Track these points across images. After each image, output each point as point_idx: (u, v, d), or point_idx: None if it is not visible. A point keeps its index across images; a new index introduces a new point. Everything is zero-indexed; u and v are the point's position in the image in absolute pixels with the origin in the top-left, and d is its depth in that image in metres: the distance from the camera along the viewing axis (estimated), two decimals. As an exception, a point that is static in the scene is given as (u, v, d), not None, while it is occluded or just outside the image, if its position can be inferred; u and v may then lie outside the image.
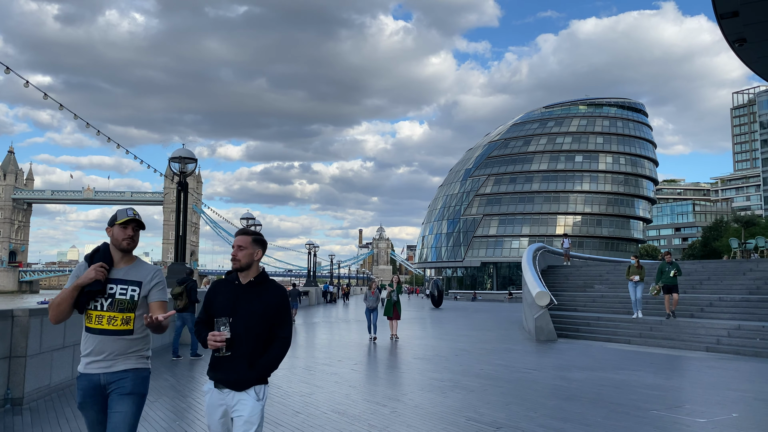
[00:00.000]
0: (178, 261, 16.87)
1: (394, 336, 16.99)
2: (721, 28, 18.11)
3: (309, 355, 14.21)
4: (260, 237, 3.88)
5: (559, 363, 12.54)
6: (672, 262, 17.57)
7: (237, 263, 3.74)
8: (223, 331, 3.53)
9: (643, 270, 18.34)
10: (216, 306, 3.71)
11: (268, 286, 3.78)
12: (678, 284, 17.23)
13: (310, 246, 52.41)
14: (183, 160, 17.10)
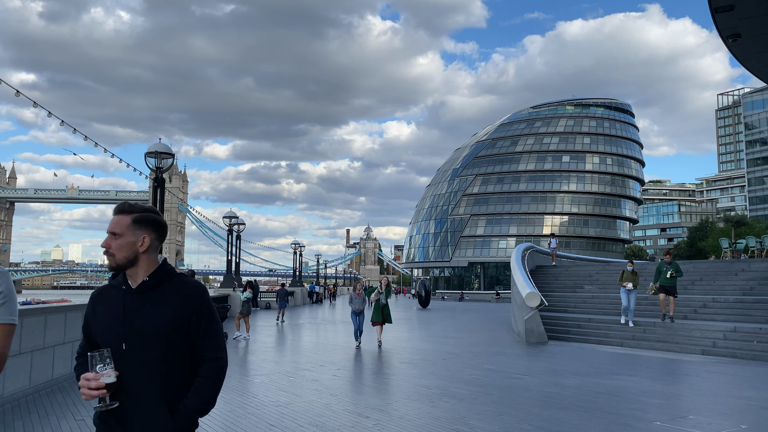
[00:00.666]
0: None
1: (379, 342, 15.76)
2: (715, 22, 17.66)
3: (291, 359, 13.57)
4: (146, 215, 2.52)
5: (551, 367, 11.99)
6: (671, 261, 16.54)
7: (112, 260, 2.44)
8: (100, 372, 2.28)
9: (638, 277, 17.15)
10: (96, 328, 2.47)
11: (174, 287, 2.47)
12: (677, 285, 16.42)
13: (295, 246, 51.69)
14: (159, 155, 16.37)
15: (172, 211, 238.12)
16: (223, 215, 31.19)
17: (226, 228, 30.83)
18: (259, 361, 13.36)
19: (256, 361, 13.27)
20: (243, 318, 18.85)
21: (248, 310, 18.90)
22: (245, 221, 34.00)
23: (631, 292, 16.75)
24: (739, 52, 19.92)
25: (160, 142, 16.75)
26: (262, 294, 42.64)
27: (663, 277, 16.22)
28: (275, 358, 13.77)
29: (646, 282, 19.02)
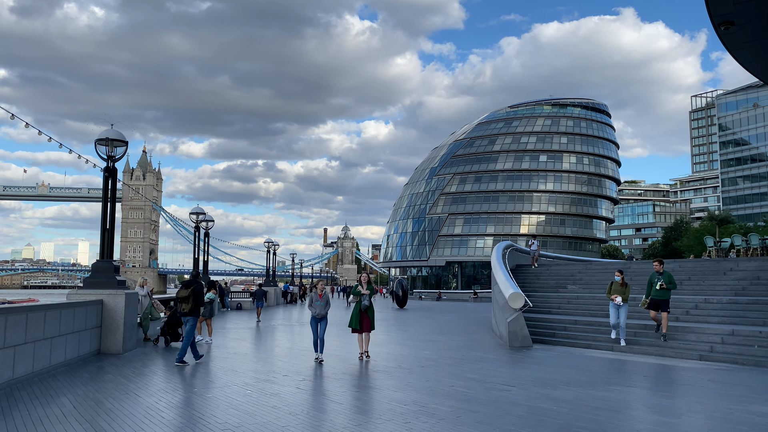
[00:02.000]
0: (104, 258, 14.67)
1: (364, 354, 13.02)
2: (708, 8, 16.70)
3: (252, 368, 12.23)
4: None
5: (540, 376, 10.85)
6: (663, 271, 14.50)
7: None
8: None
9: (628, 288, 15.03)
10: None
11: None
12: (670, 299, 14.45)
13: (269, 244, 50.12)
14: (111, 142, 14.91)
15: (146, 209, 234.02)
16: (189, 211, 29.62)
17: (193, 224, 29.26)
18: (217, 370, 12.01)
19: (214, 371, 11.93)
20: (205, 321, 17.46)
21: (211, 312, 17.50)
22: (222, 220, 32.99)
23: (620, 306, 14.66)
24: (731, 42, 18.99)
25: (112, 128, 15.28)
26: (235, 294, 41.10)
27: (653, 290, 14.24)
28: (236, 365, 12.43)
29: (636, 291, 17.98)
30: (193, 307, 12.86)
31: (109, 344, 14.05)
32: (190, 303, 12.84)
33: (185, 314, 12.90)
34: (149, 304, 17.53)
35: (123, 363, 12.52)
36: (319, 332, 12.98)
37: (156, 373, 11.21)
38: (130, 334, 14.67)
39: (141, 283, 18.03)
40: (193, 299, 12.86)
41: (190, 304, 12.83)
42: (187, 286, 13.13)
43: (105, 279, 14.42)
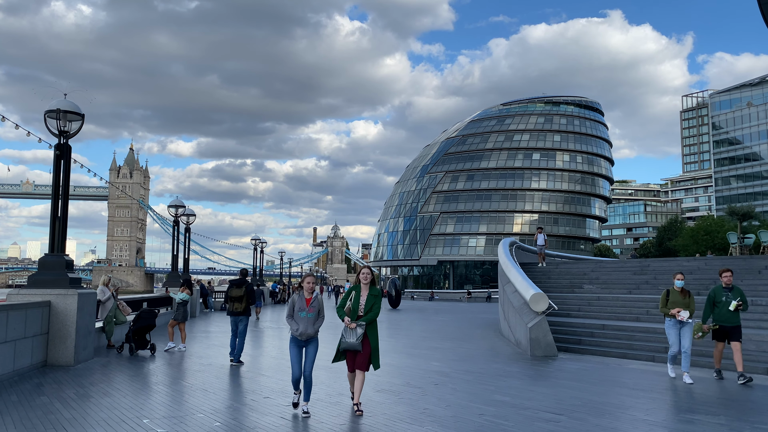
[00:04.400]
0: (56, 251, 12.33)
1: (356, 406, 7.85)
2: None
3: (227, 386, 9.95)
4: None
5: (587, 398, 8.67)
6: (732, 286, 10.95)
7: None
8: None
9: (692, 299, 10.85)
10: None
11: None
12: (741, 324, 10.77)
13: (256, 242, 47.77)
14: (64, 115, 12.57)
15: (133, 208, 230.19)
16: (168, 204, 27.21)
17: (172, 218, 26.86)
18: (184, 388, 9.75)
19: (180, 389, 9.66)
20: (178, 325, 15.15)
21: (184, 316, 15.18)
22: (210, 219, 30.63)
23: (685, 325, 10.57)
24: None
25: (65, 98, 12.94)
26: (220, 294, 38.74)
27: (723, 311, 10.60)
28: (208, 382, 10.17)
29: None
30: (246, 307, 12.70)
31: (57, 354, 11.72)
32: (244, 302, 12.66)
33: (238, 314, 12.64)
34: (114, 306, 15.20)
35: (70, 379, 10.21)
36: (305, 365, 7.79)
37: (105, 394, 8.93)
38: (85, 341, 12.34)
39: (104, 282, 15.68)
40: (246, 298, 12.70)
41: (243, 304, 12.65)
42: (239, 286, 12.81)
43: (54, 276, 12.08)
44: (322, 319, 7.98)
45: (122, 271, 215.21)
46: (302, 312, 7.80)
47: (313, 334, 7.85)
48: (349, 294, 7.93)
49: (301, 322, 7.78)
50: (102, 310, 15.07)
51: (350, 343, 7.69)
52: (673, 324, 10.65)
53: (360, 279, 8.02)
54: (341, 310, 7.86)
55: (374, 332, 7.95)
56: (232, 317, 12.74)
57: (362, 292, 7.88)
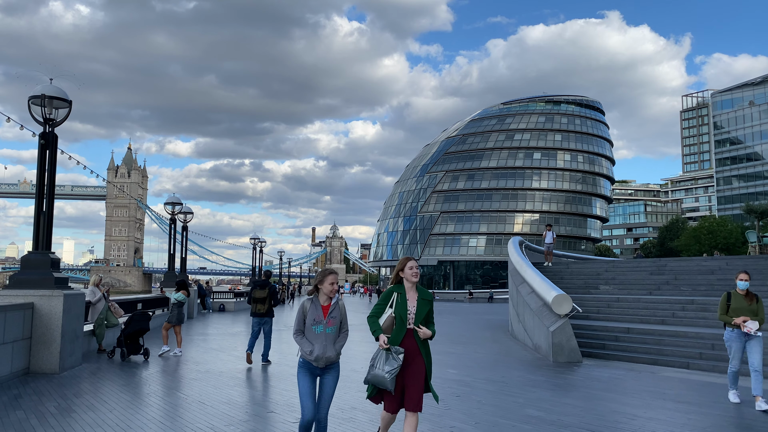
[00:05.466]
0: (40, 249, 11.35)
1: None
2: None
3: (227, 397, 8.95)
4: None
5: (635, 414, 7.71)
6: None
7: None
8: None
9: (761, 305, 8.65)
10: None
11: None
12: None
13: (255, 241, 46.80)
14: (50, 101, 11.60)
15: (131, 208, 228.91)
16: (164, 201, 26.25)
17: (168, 216, 25.87)
18: (179, 399, 8.78)
19: (174, 401, 8.70)
20: (173, 328, 14.18)
21: (180, 318, 14.21)
22: (209, 219, 29.67)
23: (752, 338, 8.39)
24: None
25: (51, 84, 11.96)
26: (218, 294, 37.76)
27: None
28: (205, 393, 9.21)
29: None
30: (269, 308, 12.72)
31: (41, 361, 10.74)
32: (267, 304, 12.64)
33: (262, 315, 12.62)
34: (105, 308, 14.23)
35: (53, 389, 9.24)
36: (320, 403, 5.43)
37: (89, 407, 7.96)
38: (72, 347, 11.36)
39: (95, 282, 14.69)
40: (269, 299, 12.68)
41: (266, 305, 12.64)
42: (262, 287, 12.78)
43: (38, 276, 11.10)
44: (346, 334, 5.52)
45: (120, 271, 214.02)
46: (318, 326, 5.33)
47: (335, 358, 5.39)
48: (389, 297, 5.49)
49: (317, 340, 5.30)
50: (92, 312, 14.10)
51: (382, 378, 5.18)
52: (736, 336, 8.45)
53: (405, 276, 5.53)
54: (376, 322, 5.45)
55: (428, 351, 5.53)
56: (256, 318, 12.66)
57: (408, 294, 5.47)
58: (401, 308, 5.38)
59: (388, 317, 5.40)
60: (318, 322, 5.36)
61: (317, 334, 5.34)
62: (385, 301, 5.50)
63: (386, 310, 5.46)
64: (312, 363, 5.32)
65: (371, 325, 5.50)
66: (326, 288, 5.44)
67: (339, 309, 5.49)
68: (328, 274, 5.49)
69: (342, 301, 5.61)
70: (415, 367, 5.30)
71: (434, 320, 5.60)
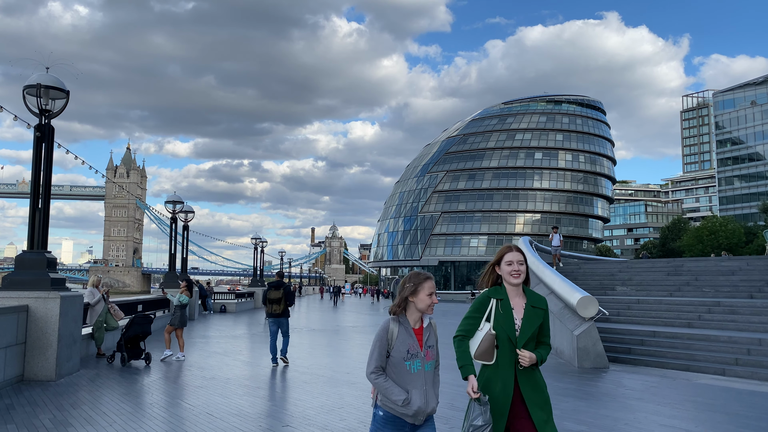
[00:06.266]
0: (35, 248, 10.66)
1: None
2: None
3: (236, 408, 8.27)
4: None
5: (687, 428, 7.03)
6: None
7: None
8: None
9: None
10: None
11: None
12: None
13: (256, 241, 46.08)
14: (46, 91, 10.92)
15: (130, 208, 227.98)
16: (165, 200, 25.56)
17: (169, 216, 25.17)
18: (184, 410, 8.10)
19: (179, 413, 8.02)
20: (175, 331, 13.50)
21: (182, 321, 13.52)
22: (207, 219, 29.15)
23: None
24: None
25: (47, 72, 11.28)
26: (219, 295, 37.11)
27: None
28: (212, 403, 8.54)
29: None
30: (285, 308, 12.70)
31: (36, 368, 10.07)
32: (282, 304, 12.62)
33: (278, 315, 12.61)
34: (104, 310, 13.57)
35: (48, 398, 8.57)
36: None
37: (87, 420, 7.28)
38: (69, 352, 10.68)
39: (93, 282, 14.00)
40: (284, 300, 12.64)
41: (282, 306, 12.62)
42: (277, 288, 12.73)
43: (33, 277, 10.42)
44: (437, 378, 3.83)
45: (119, 272, 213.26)
46: (414, 361, 3.60)
47: (434, 409, 3.72)
48: (484, 305, 3.87)
49: (413, 384, 3.57)
50: (91, 314, 13.42)
51: None
52: None
53: (504, 274, 3.88)
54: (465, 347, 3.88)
55: (541, 388, 3.80)
56: (272, 319, 12.63)
57: (512, 299, 3.86)
58: (505, 322, 3.74)
59: (485, 337, 3.72)
60: (413, 356, 3.59)
61: (413, 374, 3.56)
62: (479, 312, 3.85)
63: (482, 325, 3.80)
64: (406, 419, 3.59)
65: (459, 353, 3.85)
66: (422, 301, 3.64)
67: (434, 334, 3.80)
68: (424, 280, 3.68)
69: (434, 322, 3.82)
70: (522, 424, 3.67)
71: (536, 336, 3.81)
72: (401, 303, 3.66)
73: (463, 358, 3.83)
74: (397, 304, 3.66)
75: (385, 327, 3.67)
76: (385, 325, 3.68)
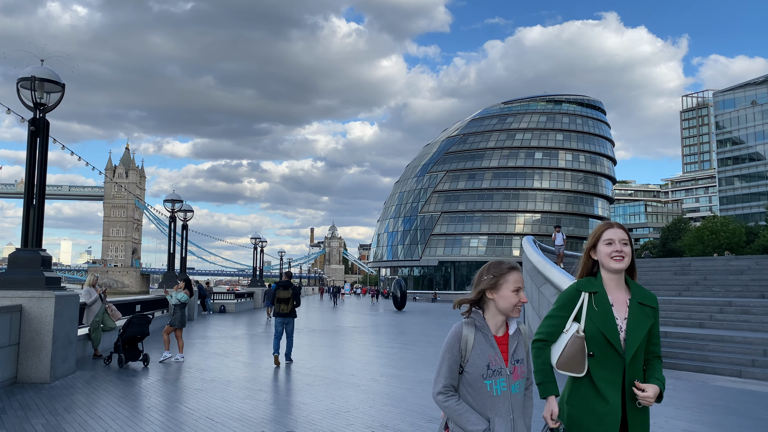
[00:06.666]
0: (30, 246, 10.32)
1: None
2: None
3: (237, 412, 7.94)
4: None
5: None
6: None
7: None
8: None
9: None
10: None
11: None
12: None
13: (256, 241, 45.74)
14: (41, 84, 10.57)
15: (129, 208, 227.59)
16: (164, 198, 25.23)
17: (168, 215, 24.84)
18: (183, 415, 7.76)
19: (178, 417, 7.68)
20: (174, 331, 13.15)
21: (182, 321, 13.18)
22: (206, 220, 29.02)
23: None
24: None
25: (42, 65, 10.94)
26: (219, 295, 36.78)
27: None
28: (212, 407, 8.21)
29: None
30: (292, 308, 12.78)
31: (30, 370, 9.72)
32: (290, 304, 12.70)
33: (285, 315, 12.68)
34: (101, 310, 13.22)
35: (42, 402, 8.22)
36: None
37: (82, 425, 6.94)
38: (64, 353, 10.33)
39: (91, 282, 13.66)
40: (293, 300, 12.75)
41: (290, 305, 12.70)
42: (285, 287, 12.78)
43: (27, 276, 10.07)
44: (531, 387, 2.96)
45: (118, 272, 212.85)
46: (497, 380, 2.73)
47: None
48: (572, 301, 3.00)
49: (495, 409, 2.70)
50: (88, 314, 13.08)
51: None
52: None
53: (600, 257, 3.00)
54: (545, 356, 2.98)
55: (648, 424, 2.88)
56: (279, 318, 12.69)
57: (612, 293, 2.95)
58: (602, 321, 2.86)
59: (570, 340, 2.86)
60: (496, 373, 2.72)
61: (496, 398, 2.70)
62: (565, 309, 2.98)
63: (568, 325, 2.93)
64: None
65: (538, 365, 2.97)
66: (505, 299, 2.78)
67: (524, 343, 2.86)
68: (508, 271, 2.81)
69: (523, 325, 2.93)
70: None
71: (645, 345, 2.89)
72: (476, 298, 2.83)
73: (542, 373, 2.92)
74: (470, 299, 2.83)
75: (456, 333, 2.77)
76: (456, 331, 2.78)
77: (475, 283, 2.86)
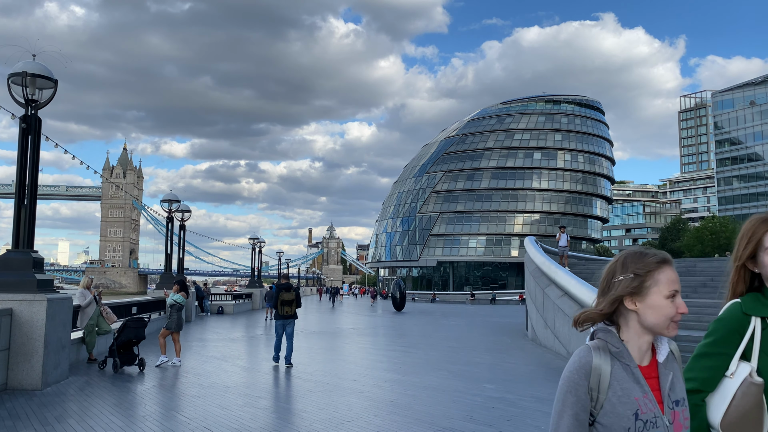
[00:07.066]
0: (21, 247, 9.96)
1: None
2: None
3: (236, 421, 7.58)
4: None
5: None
6: None
7: None
8: None
9: None
10: None
11: None
12: None
13: (254, 241, 45.39)
14: (32, 80, 10.21)
15: (126, 208, 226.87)
16: (161, 198, 24.86)
17: (165, 213, 24.49)
18: (180, 424, 7.40)
19: (174, 426, 7.32)
20: (171, 335, 12.79)
21: (179, 324, 12.81)
22: (204, 220, 28.48)
23: None
24: None
25: (33, 60, 10.58)
26: (216, 297, 36.40)
27: None
28: (210, 416, 7.87)
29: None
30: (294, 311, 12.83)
31: (20, 376, 9.35)
32: (294, 306, 12.77)
33: (288, 317, 12.68)
34: (96, 313, 12.85)
35: (32, 410, 7.86)
36: None
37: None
38: (57, 358, 9.97)
39: (85, 284, 13.28)
40: (296, 302, 12.82)
41: (293, 307, 12.76)
42: (288, 290, 12.82)
43: (18, 278, 9.71)
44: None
45: (115, 272, 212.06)
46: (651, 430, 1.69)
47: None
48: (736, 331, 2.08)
49: None
50: (82, 317, 12.70)
51: None
52: None
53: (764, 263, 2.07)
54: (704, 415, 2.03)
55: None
56: (280, 320, 12.63)
57: None
58: None
59: (741, 390, 1.98)
60: (649, 424, 1.70)
61: None
62: (726, 343, 2.09)
63: (733, 367, 2.04)
64: None
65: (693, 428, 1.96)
66: (658, 310, 1.79)
67: (680, 373, 1.88)
68: (657, 266, 1.83)
69: (673, 344, 1.90)
70: None
71: None
72: (610, 311, 1.83)
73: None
74: (599, 312, 1.83)
75: (581, 365, 1.76)
76: (580, 361, 1.76)
77: (602, 286, 1.86)
